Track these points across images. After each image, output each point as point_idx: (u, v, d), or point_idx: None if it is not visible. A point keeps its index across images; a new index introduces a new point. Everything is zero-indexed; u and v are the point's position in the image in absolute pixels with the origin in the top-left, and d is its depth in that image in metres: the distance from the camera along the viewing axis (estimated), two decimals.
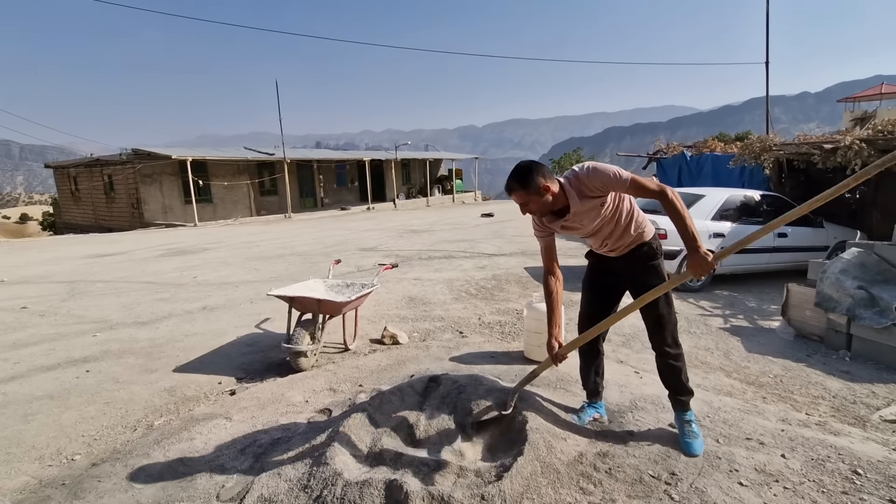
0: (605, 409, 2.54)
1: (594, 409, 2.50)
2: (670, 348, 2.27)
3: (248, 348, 4.16)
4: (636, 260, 2.28)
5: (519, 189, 2.04)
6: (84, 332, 4.73)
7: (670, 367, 2.28)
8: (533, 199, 2.05)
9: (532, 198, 2.05)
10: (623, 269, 2.32)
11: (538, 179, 2.01)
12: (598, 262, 2.44)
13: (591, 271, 2.50)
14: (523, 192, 2.04)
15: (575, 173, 2.08)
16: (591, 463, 2.05)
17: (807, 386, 3.43)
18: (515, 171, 2.06)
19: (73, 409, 3.14)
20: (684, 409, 2.29)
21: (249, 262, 8.57)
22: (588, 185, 2.05)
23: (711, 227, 6.10)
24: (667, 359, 2.28)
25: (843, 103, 29.20)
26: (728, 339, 4.43)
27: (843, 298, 4.15)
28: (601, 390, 2.56)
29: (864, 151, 6.04)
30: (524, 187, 2.03)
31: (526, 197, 2.05)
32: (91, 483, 2.27)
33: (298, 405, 2.96)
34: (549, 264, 2.27)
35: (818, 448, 2.23)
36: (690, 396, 2.32)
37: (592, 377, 2.53)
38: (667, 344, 2.27)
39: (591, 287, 2.48)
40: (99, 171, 20.02)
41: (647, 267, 2.29)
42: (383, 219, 17.18)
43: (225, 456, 2.40)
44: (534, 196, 2.04)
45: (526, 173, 2.03)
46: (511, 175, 2.07)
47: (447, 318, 4.93)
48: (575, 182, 2.07)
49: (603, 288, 2.43)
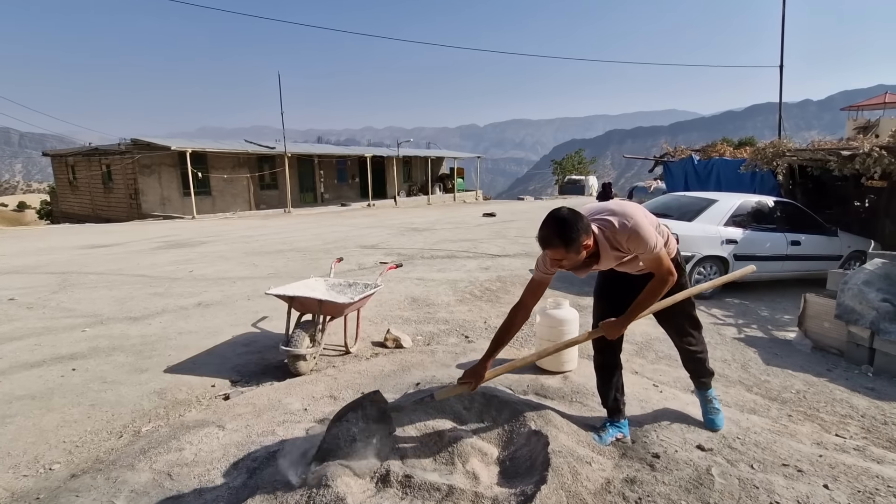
0: (628, 428, 2.36)
1: (617, 428, 2.32)
2: (695, 348, 2.36)
3: (244, 349, 3.96)
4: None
5: (560, 247, 1.80)
6: (73, 327, 4.53)
7: (695, 359, 2.37)
8: (571, 256, 1.84)
9: (570, 256, 1.83)
10: (640, 280, 2.12)
11: (581, 237, 1.80)
12: (612, 272, 2.24)
13: (604, 281, 2.35)
14: (563, 249, 1.80)
15: (612, 228, 1.90)
16: (619, 492, 1.86)
17: (832, 403, 3.26)
18: (557, 226, 1.79)
19: (55, 411, 2.94)
20: (705, 389, 2.41)
21: (248, 256, 8.36)
22: (623, 243, 1.92)
23: (724, 232, 5.92)
24: (691, 352, 2.36)
25: (845, 112, 29.08)
26: (744, 351, 4.25)
27: (866, 311, 3.98)
28: (623, 407, 2.39)
29: (884, 159, 5.87)
30: (566, 246, 1.79)
31: (565, 255, 1.82)
32: (68, 498, 2.07)
33: (297, 413, 2.77)
34: (528, 299, 2.06)
35: (863, 478, 2.05)
36: (711, 377, 2.41)
37: (612, 394, 2.36)
38: (691, 345, 2.36)
39: (603, 298, 2.34)
40: (97, 160, 19.74)
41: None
42: (384, 216, 16.97)
43: (216, 470, 2.21)
44: (572, 254, 1.83)
45: (570, 230, 1.77)
46: (551, 227, 1.80)
47: (452, 321, 4.74)
48: (610, 235, 1.92)
49: (617, 299, 2.24)
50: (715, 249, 5.84)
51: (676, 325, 2.33)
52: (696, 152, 12.03)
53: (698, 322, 2.37)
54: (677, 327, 2.33)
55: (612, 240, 1.91)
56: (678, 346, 2.37)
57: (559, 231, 1.79)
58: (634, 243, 1.88)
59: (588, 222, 1.85)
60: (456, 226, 13.27)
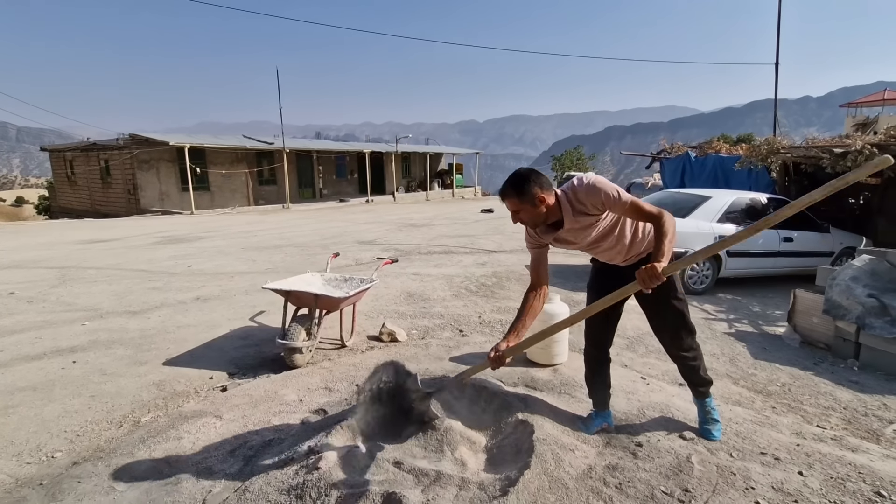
0: (612, 419, 2.43)
1: (602, 418, 2.40)
2: (687, 353, 2.29)
3: (241, 342, 4.03)
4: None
5: (513, 196, 1.97)
6: (73, 321, 4.59)
7: (690, 366, 2.31)
8: (526, 208, 1.98)
9: (525, 207, 1.98)
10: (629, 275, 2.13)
11: (534, 189, 1.95)
12: (603, 266, 2.33)
13: (597, 276, 2.40)
14: (517, 199, 1.97)
15: (572, 187, 2.01)
16: (600, 477, 1.94)
17: (816, 396, 3.34)
18: (512, 178, 2.01)
19: (56, 401, 3.01)
20: (704, 397, 2.37)
21: (246, 252, 8.42)
22: (584, 201, 1.98)
23: (717, 229, 5.98)
24: (685, 359, 2.30)
25: (844, 108, 29.08)
26: (733, 345, 4.33)
27: (853, 306, 4.06)
28: (609, 399, 2.45)
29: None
30: (518, 195, 1.96)
31: (519, 205, 1.98)
32: (70, 484, 2.14)
33: (292, 404, 2.84)
34: (535, 278, 2.15)
35: (837, 466, 2.13)
36: (709, 386, 2.37)
37: (599, 386, 2.43)
38: (683, 349, 2.28)
39: (597, 292, 2.33)
40: (95, 155, 19.74)
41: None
42: (382, 212, 17.02)
43: (213, 458, 2.29)
44: (527, 206, 1.97)
45: (522, 181, 1.96)
46: (507, 181, 2.01)
47: (447, 316, 4.81)
48: (571, 196, 2.00)
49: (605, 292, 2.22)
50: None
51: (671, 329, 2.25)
52: (692, 149, 12.08)
53: (691, 327, 2.28)
54: (672, 332, 2.26)
55: (574, 200, 1.99)
56: (672, 354, 2.32)
57: (513, 182, 1.98)
58: (594, 196, 1.95)
59: (548, 181, 2.00)
60: (454, 222, 13.33)
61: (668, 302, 2.21)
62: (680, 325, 2.24)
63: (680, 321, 2.24)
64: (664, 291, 2.14)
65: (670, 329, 2.26)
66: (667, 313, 2.23)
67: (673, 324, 2.24)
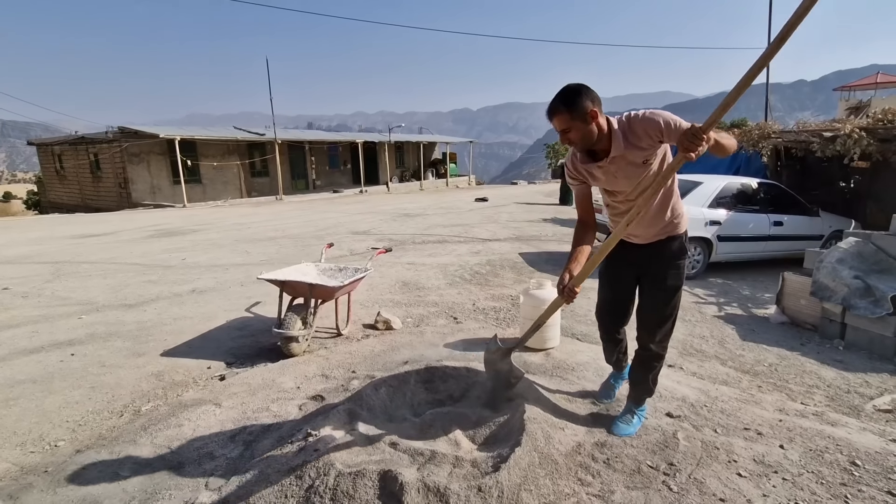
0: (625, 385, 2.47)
1: (622, 379, 2.53)
2: (657, 347, 2.15)
3: (238, 333, 4.07)
4: (662, 253, 2.08)
5: (563, 111, 1.80)
6: (69, 315, 4.61)
7: (648, 365, 2.18)
8: (577, 125, 1.81)
9: (576, 124, 1.81)
10: (643, 261, 2.11)
11: (586, 103, 1.79)
12: (616, 250, 2.09)
13: (609, 262, 2.20)
14: (567, 115, 1.80)
15: (629, 116, 1.87)
16: (589, 453, 2.02)
17: (801, 375, 3.44)
18: (563, 92, 1.82)
19: (56, 393, 3.05)
20: (639, 404, 2.28)
21: (240, 244, 8.42)
22: (638, 130, 1.82)
23: (708, 214, 6.06)
24: (649, 355, 2.16)
25: (838, 92, 29.10)
26: (723, 328, 4.42)
27: (839, 288, 4.15)
28: (625, 364, 2.49)
29: (863, 140, 6.01)
30: (570, 109, 1.79)
31: (569, 122, 1.81)
32: (75, 470, 2.20)
33: (290, 391, 2.89)
34: (583, 213, 2.05)
35: (816, 439, 2.22)
36: (649, 396, 2.29)
37: (616, 355, 2.46)
38: (655, 342, 2.14)
39: (608, 278, 2.29)
40: (84, 149, 19.49)
41: (671, 265, 2.08)
42: (376, 202, 16.99)
43: (214, 443, 2.34)
44: (578, 122, 1.81)
45: (574, 94, 1.79)
46: (557, 96, 1.83)
47: (441, 304, 4.87)
48: (625, 125, 1.85)
49: (621, 280, 2.23)
50: (699, 231, 5.98)
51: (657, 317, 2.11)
52: None
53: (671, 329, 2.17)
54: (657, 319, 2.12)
55: (627, 130, 1.84)
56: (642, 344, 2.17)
57: (563, 96, 1.82)
58: (651, 124, 1.79)
59: (598, 97, 1.84)
60: (448, 211, 13.34)
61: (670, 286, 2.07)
62: (667, 317, 2.11)
63: (669, 312, 2.11)
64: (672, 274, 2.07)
65: (657, 317, 2.11)
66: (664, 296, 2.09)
67: (661, 312, 2.10)
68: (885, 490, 1.89)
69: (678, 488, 1.87)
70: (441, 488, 1.71)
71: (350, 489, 1.75)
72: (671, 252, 2.10)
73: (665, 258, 2.10)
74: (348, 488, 1.76)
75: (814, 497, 1.84)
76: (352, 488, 1.75)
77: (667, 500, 1.81)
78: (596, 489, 1.84)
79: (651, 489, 1.86)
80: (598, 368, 2.95)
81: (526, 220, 11.07)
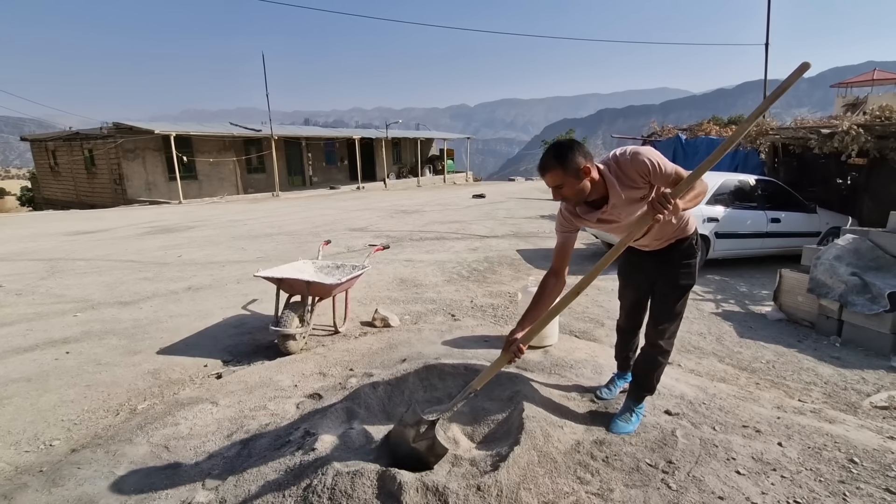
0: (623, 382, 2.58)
1: (624, 380, 2.55)
2: (665, 344, 2.20)
3: (234, 330, 4.05)
4: (672, 256, 2.13)
5: (557, 168, 1.79)
6: (64, 312, 4.57)
7: (653, 361, 2.22)
8: (569, 181, 1.81)
9: (569, 180, 1.80)
10: (655, 265, 2.17)
11: (578, 159, 1.78)
12: (630, 256, 2.26)
13: (622, 266, 2.39)
14: (561, 171, 1.79)
15: (615, 158, 1.89)
16: (588, 451, 2.01)
17: (799, 372, 3.44)
18: (553, 148, 1.83)
19: (51, 392, 3.02)
20: (639, 402, 2.29)
21: (236, 241, 8.38)
22: (630, 173, 1.85)
23: (706, 211, 6.06)
24: (655, 352, 2.20)
25: (835, 88, 29.16)
26: (720, 324, 4.43)
27: (836, 285, 4.16)
28: (632, 364, 2.48)
29: (860, 137, 6.01)
30: (563, 167, 1.78)
31: (563, 178, 1.80)
32: (70, 470, 2.18)
33: (287, 390, 2.88)
34: (558, 264, 1.99)
35: (814, 436, 2.22)
36: (650, 395, 2.32)
37: (625, 353, 2.54)
38: (664, 339, 2.19)
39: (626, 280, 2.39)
40: (79, 145, 19.34)
41: (683, 265, 2.12)
42: (373, 198, 16.95)
43: (211, 442, 2.32)
44: (571, 178, 1.80)
45: (566, 150, 1.79)
46: (547, 151, 1.83)
47: (439, 301, 4.86)
48: (615, 169, 1.87)
49: (637, 283, 2.32)
50: (697, 228, 5.98)
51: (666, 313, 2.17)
52: (683, 131, 12.14)
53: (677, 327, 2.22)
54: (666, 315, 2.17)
55: (619, 173, 1.86)
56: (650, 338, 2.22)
57: (555, 152, 1.81)
58: (640, 166, 1.83)
59: (589, 152, 1.85)
60: (445, 207, 13.32)
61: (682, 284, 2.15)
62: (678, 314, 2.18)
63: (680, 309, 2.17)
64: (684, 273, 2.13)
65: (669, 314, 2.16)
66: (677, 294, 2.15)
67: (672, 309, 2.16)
68: (883, 487, 1.89)
69: (677, 486, 1.86)
70: (440, 487, 1.70)
71: (348, 488, 1.74)
72: (681, 253, 2.15)
73: (676, 260, 2.15)
74: (346, 488, 1.74)
75: (812, 495, 1.84)
76: (350, 487, 1.74)
77: (666, 498, 1.80)
78: (595, 488, 1.84)
79: (650, 487, 1.86)
80: (597, 366, 2.94)
81: (524, 217, 11.06)
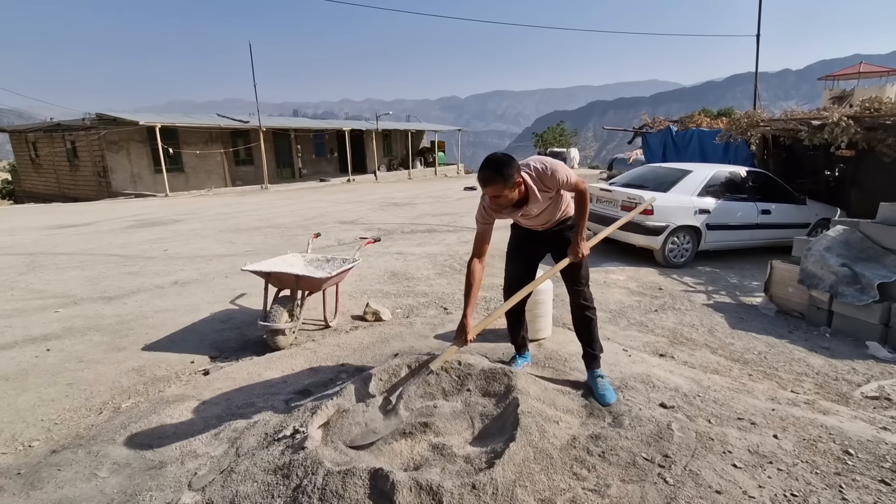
0: (530, 358, 2.88)
1: (524, 359, 2.83)
2: (587, 301, 2.53)
3: (222, 325, 3.96)
4: (562, 231, 2.58)
5: (500, 182, 2.09)
6: (45, 308, 4.44)
7: (587, 319, 2.53)
8: (507, 192, 2.13)
9: (507, 191, 2.12)
10: (547, 239, 2.62)
11: (515, 174, 2.11)
12: (523, 232, 2.65)
13: (516, 241, 2.71)
14: (502, 184, 2.09)
15: (537, 170, 2.25)
16: (584, 447, 1.98)
17: (790, 363, 3.46)
18: (495, 164, 2.10)
19: (31, 390, 2.92)
20: (596, 367, 2.54)
21: (224, 234, 8.23)
22: (548, 183, 2.26)
23: (697, 203, 6.06)
24: (584, 311, 2.53)
25: (822, 81, 29.45)
26: (712, 316, 4.43)
27: (826, 276, 4.18)
28: (527, 343, 2.88)
29: (850, 128, 6.03)
30: (504, 180, 2.09)
31: (503, 190, 2.11)
32: (50, 472, 2.10)
33: (276, 386, 2.81)
34: (480, 249, 2.35)
35: (809, 428, 2.21)
36: (601, 352, 2.59)
37: (520, 334, 2.82)
38: (584, 297, 2.53)
39: (515, 255, 2.70)
40: (60, 136, 18.83)
41: (567, 236, 2.58)
42: (364, 191, 16.79)
43: (197, 441, 2.26)
44: (508, 189, 2.12)
45: (505, 167, 2.09)
46: (489, 167, 2.10)
47: (431, 294, 4.80)
48: (536, 179, 2.25)
49: (527, 255, 2.68)
50: (688, 220, 5.98)
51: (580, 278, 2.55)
52: (674, 123, 12.13)
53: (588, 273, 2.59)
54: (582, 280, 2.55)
55: (539, 182, 2.26)
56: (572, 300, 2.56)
57: (497, 168, 2.09)
58: (556, 180, 2.26)
59: (518, 164, 2.18)
60: (436, 200, 13.23)
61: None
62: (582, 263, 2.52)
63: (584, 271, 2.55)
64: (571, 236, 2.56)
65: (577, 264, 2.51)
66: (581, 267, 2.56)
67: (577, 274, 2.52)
68: (878, 479, 1.89)
69: (674, 481, 1.84)
70: (434, 486, 1.66)
71: (339, 488, 1.69)
72: (566, 227, 2.59)
73: (564, 233, 2.58)
74: (337, 487, 1.69)
75: (809, 487, 1.83)
76: (341, 487, 1.69)
77: (663, 493, 1.78)
78: (592, 483, 1.81)
79: (647, 482, 1.83)
80: None
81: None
